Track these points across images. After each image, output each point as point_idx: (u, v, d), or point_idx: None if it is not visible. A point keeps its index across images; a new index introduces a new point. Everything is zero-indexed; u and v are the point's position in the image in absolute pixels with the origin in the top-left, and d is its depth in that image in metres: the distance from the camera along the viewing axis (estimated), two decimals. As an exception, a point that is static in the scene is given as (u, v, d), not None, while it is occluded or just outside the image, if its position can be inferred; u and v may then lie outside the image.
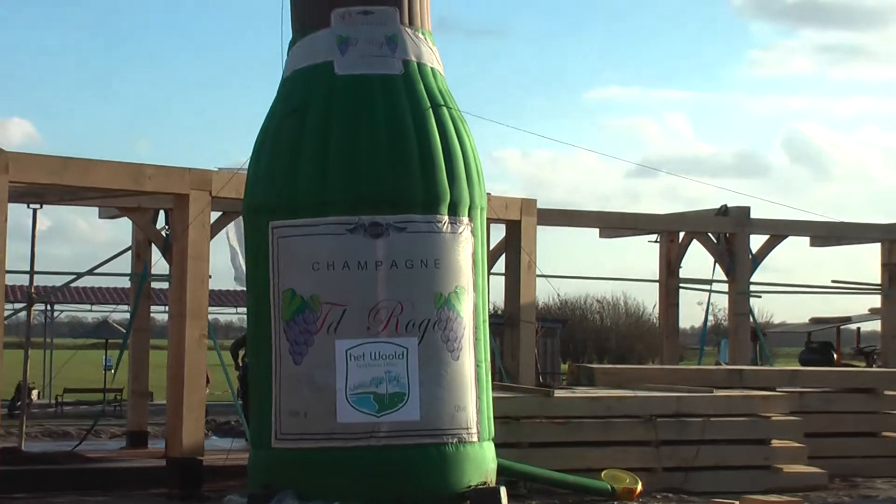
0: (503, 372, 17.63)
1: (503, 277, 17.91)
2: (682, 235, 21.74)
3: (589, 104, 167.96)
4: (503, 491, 12.05)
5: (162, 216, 17.52)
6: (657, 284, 22.19)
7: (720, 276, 21.38)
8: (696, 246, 21.50)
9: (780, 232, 21.63)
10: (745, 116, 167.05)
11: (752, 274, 21.23)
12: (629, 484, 13.99)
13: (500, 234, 17.88)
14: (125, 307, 30.56)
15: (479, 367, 12.23)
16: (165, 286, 17.12)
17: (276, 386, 11.92)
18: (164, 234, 16.72)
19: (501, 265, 17.94)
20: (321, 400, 11.70)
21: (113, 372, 25.33)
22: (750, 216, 21.02)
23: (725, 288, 21.42)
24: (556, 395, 15.02)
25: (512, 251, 17.78)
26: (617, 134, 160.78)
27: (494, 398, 12.90)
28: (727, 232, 21.00)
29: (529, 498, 13.64)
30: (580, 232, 22.61)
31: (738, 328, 21.24)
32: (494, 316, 15.89)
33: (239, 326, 60.53)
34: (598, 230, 22.01)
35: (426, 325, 11.75)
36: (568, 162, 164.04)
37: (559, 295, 61.99)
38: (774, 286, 23.85)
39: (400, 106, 12.04)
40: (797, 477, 15.45)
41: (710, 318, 24.25)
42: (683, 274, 22.12)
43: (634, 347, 64.13)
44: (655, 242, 22.14)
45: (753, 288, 21.50)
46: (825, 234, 22.80)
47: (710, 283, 22.07)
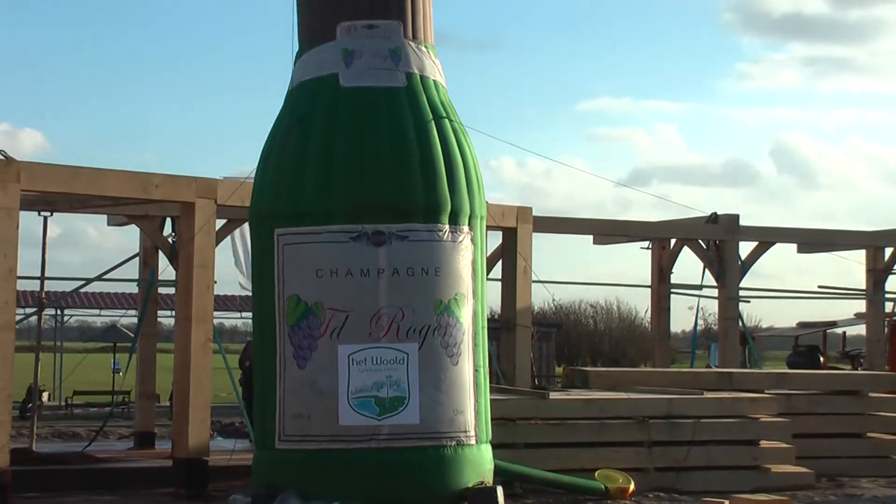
0: (500, 375, 17.63)
1: (500, 283, 17.92)
2: (673, 242, 21.74)
3: (581, 115, 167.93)
4: (500, 491, 12.05)
5: (169, 223, 17.52)
6: (649, 290, 22.20)
7: (710, 281, 21.38)
8: (686, 252, 21.49)
9: (768, 239, 21.63)
10: (734, 127, 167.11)
11: (741, 280, 21.23)
12: (622, 483, 13.99)
13: (496, 240, 17.87)
14: (133, 312, 30.51)
15: (477, 371, 12.22)
16: (172, 291, 17.15)
17: (280, 389, 11.91)
18: (170, 240, 16.70)
19: (498, 271, 17.94)
20: (324, 403, 11.69)
21: (121, 375, 25.33)
22: (739, 224, 21.03)
23: (715, 293, 21.42)
24: (551, 397, 15.03)
25: (508, 257, 17.79)
26: (608, 144, 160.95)
27: (491, 400, 12.89)
28: (717, 239, 21.00)
29: (525, 497, 13.63)
30: (574, 239, 22.62)
31: (727, 332, 21.23)
32: (491, 320, 15.88)
33: (243, 331, 60.54)
34: (591, 237, 22.00)
35: (426, 331, 11.74)
36: (562, 171, 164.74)
37: (554, 300, 62.07)
38: (763, 291, 23.94)
39: (403, 117, 12.03)
40: (785, 477, 15.45)
41: (700, 322, 24.24)
42: (675, 280, 22.15)
43: (627, 351, 64.18)
44: (647, 249, 22.15)
45: (742, 293, 21.53)
46: (812, 241, 22.83)
47: (700, 288, 22.10)
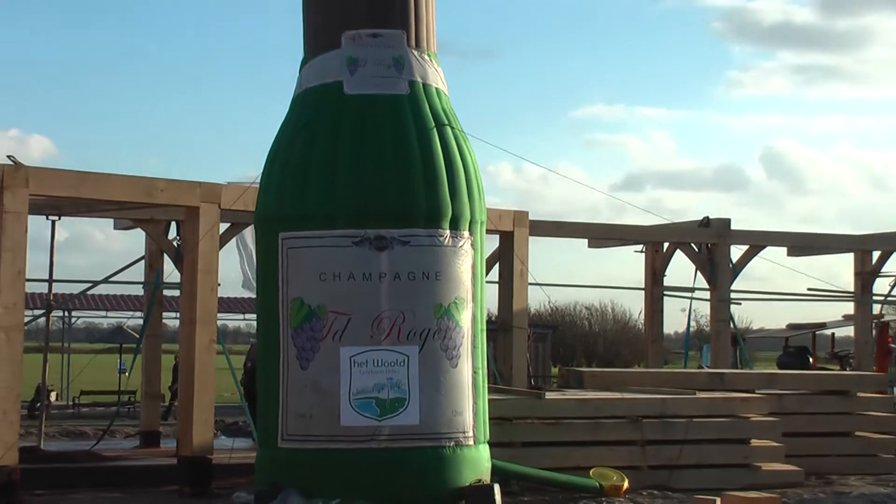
0: (497, 375, 17.62)
1: (497, 285, 17.92)
2: (666, 246, 21.76)
3: (577, 121, 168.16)
4: (497, 488, 12.05)
5: (173, 227, 17.51)
6: (643, 292, 22.21)
7: (702, 284, 21.38)
8: (679, 256, 21.51)
9: (758, 242, 21.63)
10: (725, 133, 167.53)
11: (732, 282, 21.23)
12: (616, 481, 13.99)
13: (493, 244, 17.87)
14: (139, 314, 30.44)
15: (476, 373, 12.23)
16: (177, 294, 17.12)
17: (283, 389, 11.91)
18: (175, 244, 16.70)
19: (495, 274, 17.94)
20: (326, 403, 11.69)
21: (127, 375, 25.28)
22: (730, 227, 21.03)
23: (707, 295, 21.42)
24: (546, 397, 15.03)
25: (505, 260, 17.79)
26: (604, 150, 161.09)
27: (489, 400, 12.90)
28: (709, 242, 21.00)
29: (521, 495, 13.63)
30: (570, 242, 22.66)
31: (719, 334, 21.24)
32: (488, 322, 15.86)
33: (247, 332, 60.50)
34: (586, 241, 22.03)
35: (427, 334, 11.74)
36: (557, 177, 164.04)
37: (550, 302, 61.99)
38: (754, 294, 23.87)
39: (405, 125, 12.03)
40: (775, 475, 15.46)
41: (692, 324, 24.20)
42: (667, 282, 22.16)
43: (621, 352, 64.11)
44: (641, 252, 22.17)
45: (734, 295, 21.51)
46: (801, 244, 22.83)
47: (692, 290, 22.08)
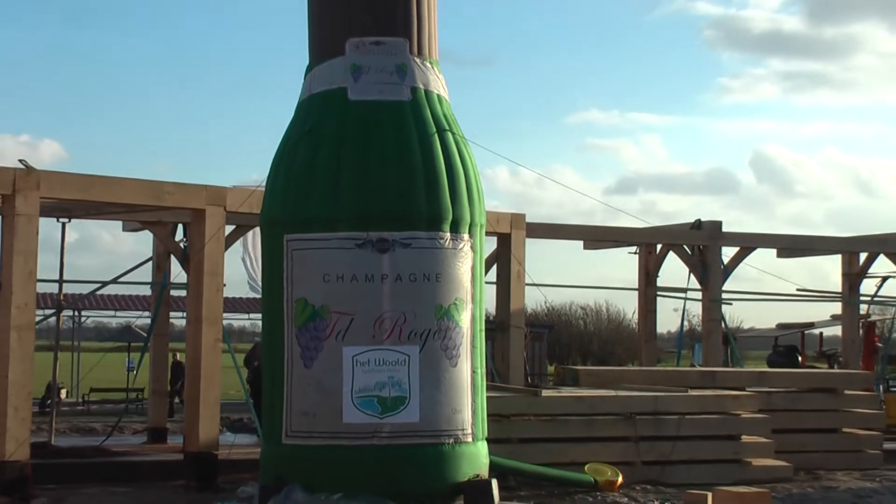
0: (495, 373, 17.62)
1: (495, 286, 17.92)
2: (659, 247, 21.75)
3: (571, 127, 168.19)
4: (494, 484, 12.06)
5: (180, 229, 17.51)
6: (636, 293, 22.20)
7: (694, 284, 21.39)
8: (672, 257, 21.50)
9: (749, 244, 21.64)
10: (715, 138, 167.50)
11: (723, 283, 21.24)
12: (610, 476, 13.99)
13: (491, 245, 17.88)
14: (146, 313, 30.47)
15: (475, 373, 12.23)
16: (183, 294, 17.14)
17: (287, 387, 11.91)
18: (182, 246, 16.70)
19: (493, 275, 17.94)
20: (329, 401, 11.68)
21: (135, 373, 25.28)
22: (722, 230, 21.04)
23: (699, 296, 21.42)
24: (543, 394, 15.03)
25: (503, 262, 17.80)
26: (598, 154, 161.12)
27: (487, 398, 12.89)
28: (701, 244, 21.01)
29: (518, 490, 13.63)
30: (565, 244, 22.62)
31: (710, 333, 21.24)
32: (486, 321, 15.86)
33: (251, 331, 60.38)
34: (581, 242, 22.02)
35: (427, 334, 11.75)
36: (552, 181, 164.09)
37: (546, 302, 61.97)
38: (744, 294, 23.87)
39: (408, 130, 12.04)
40: (765, 470, 15.47)
41: (685, 323, 24.19)
42: (661, 283, 22.16)
43: (615, 351, 63.95)
44: (635, 254, 22.15)
45: (725, 296, 21.52)
46: (790, 246, 22.85)
47: (685, 291, 22.10)
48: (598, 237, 21.67)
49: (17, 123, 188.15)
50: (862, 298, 23.75)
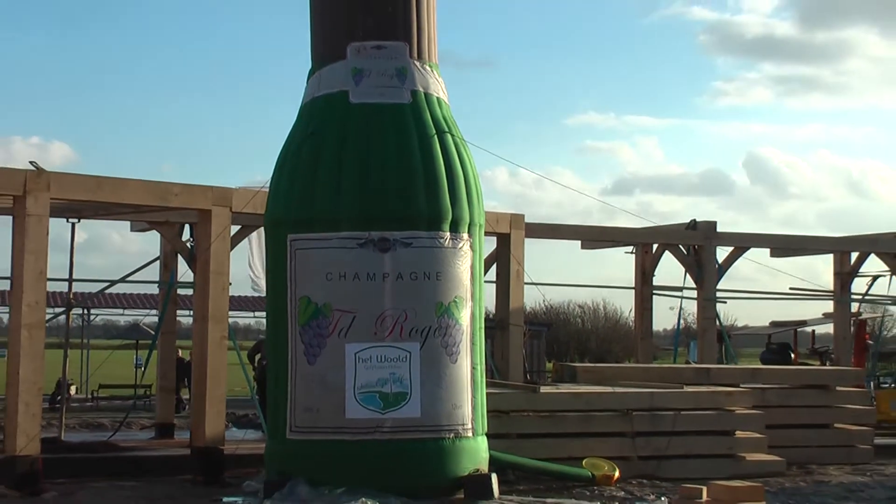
0: (494, 370, 17.61)
1: (494, 285, 17.90)
2: (655, 247, 21.74)
3: (569, 129, 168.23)
4: (494, 478, 12.07)
5: (187, 229, 17.50)
6: (633, 291, 22.18)
7: (690, 283, 21.37)
8: (667, 257, 21.50)
9: (743, 244, 21.62)
10: (710, 141, 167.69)
11: (718, 282, 21.22)
12: (607, 471, 13.99)
13: (491, 245, 17.87)
14: (154, 311, 30.46)
15: (475, 369, 12.23)
16: (190, 293, 17.08)
17: (291, 384, 11.92)
18: (189, 245, 16.70)
19: (493, 274, 17.92)
20: (332, 397, 11.70)
21: (143, 370, 25.28)
22: (716, 230, 21.03)
23: (694, 294, 21.41)
24: (541, 391, 15.02)
25: (502, 261, 17.79)
26: (595, 156, 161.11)
27: (486, 394, 12.91)
28: (696, 244, 20.99)
29: (517, 484, 13.62)
30: (563, 244, 22.58)
31: (705, 331, 21.22)
32: (486, 319, 15.86)
33: (256, 329, 60.41)
34: (579, 242, 22.00)
35: (428, 331, 11.76)
36: (551, 181, 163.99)
37: (545, 301, 61.86)
38: (738, 293, 23.88)
39: (408, 132, 12.06)
40: (758, 465, 15.46)
41: (681, 321, 24.17)
42: (657, 282, 22.14)
43: (612, 348, 63.93)
44: (631, 253, 22.14)
45: (719, 294, 21.50)
46: (783, 246, 22.82)
47: (680, 290, 22.07)
48: (595, 237, 21.66)
49: (27, 126, 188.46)
50: (853, 297, 23.71)
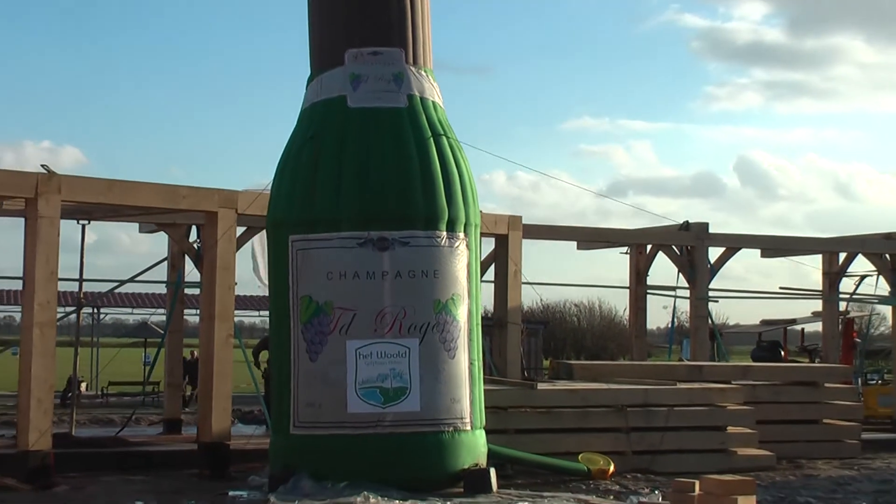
0: (493, 367, 17.60)
1: (493, 284, 17.90)
2: (649, 248, 21.73)
3: (565, 133, 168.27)
4: (493, 472, 12.06)
5: (194, 231, 17.50)
6: (627, 291, 22.17)
7: (683, 283, 21.36)
8: (661, 257, 21.48)
9: (734, 245, 21.61)
10: (702, 144, 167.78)
11: (710, 282, 21.20)
12: (603, 465, 13.98)
13: (489, 246, 17.87)
14: (162, 310, 30.45)
15: (472, 364, 12.22)
16: (197, 292, 17.07)
17: (294, 380, 11.92)
18: (195, 246, 16.68)
19: (491, 274, 17.91)
20: (333, 393, 11.69)
21: (151, 367, 25.27)
22: (709, 231, 21.02)
23: (687, 294, 21.39)
24: (538, 387, 15.02)
25: (500, 261, 17.77)
26: (590, 159, 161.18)
27: (485, 390, 12.90)
28: (689, 245, 20.98)
29: (515, 478, 13.61)
30: (560, 245, 22.61)
31: (698, 329, 21.21)
32: (485, 318, 15.85)
33: (261, 327, 60.32)
34: (575, 243, 21.99)
35: (426, 327, 11.75)
36: (547, 184, 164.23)
37: (542, 300, 61.90)
38: (730, 292, 23.92)
39: (405, 135, 12.06)
40: (749, 459, 15.45)
41: (674, 320, 24.18)
42: (650, 281, 22.12)
43: (607, 346, 64.00)
44: (626, 254, 22.12)
45: (712, 294, 21.48)
46: (773, 246, 22.81)
47: (674, 289, 22.07)
48: (590, 238, 21.66)
49: (39, 130, 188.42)
50: (841, 296, 23.71)
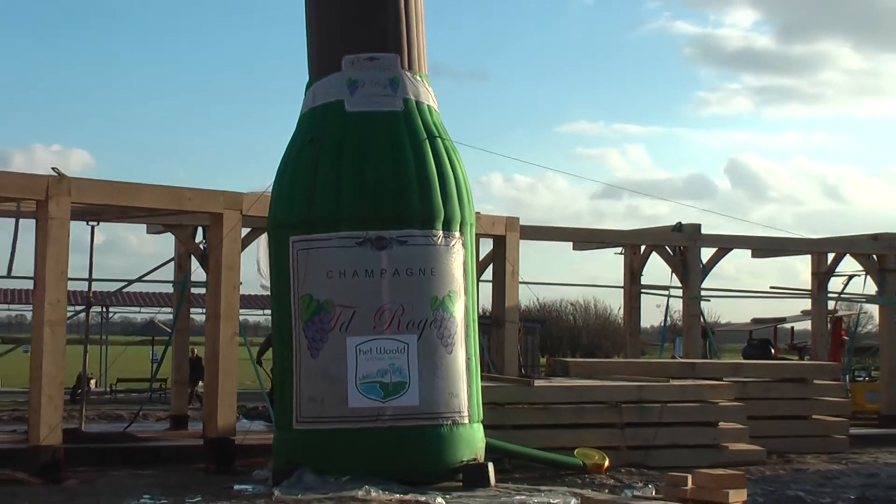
0: (491, 365, 17.60)
1: (491, 284, 17.89)
2: (643, 248, 21.74)
3: (561, 137, 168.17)
4: (491, 466, 12.05)
5: (200, 231, 17.49)
6: (622, 290, 22.19)
7: (676, 283, 21.36)
8: (655, 257, 21.49)
9: (726, 245, 21.61)
10: (694, 147, 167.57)
11: (702, 281, 21.20)
12: (598, 460, 13.98)
13: (487, 247, 17.86)
14: (169, 309, 30.50)
15: (469, 359, 12.22)
16: (203, 291, 17.08)
17: (296, 377, 11.91)
18: (201, 247, 16.67)
19: (489, 274, 17.91)
20: (335, 388, 11.69)
21: (158, 364, 25.26)
22: (701, 232, 21.02)
23: (680, 293, 21.38)
24: (535, 384, 15.02)
25: (498, 262, 17.76)
26: (585, 162, 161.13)
27: (483, 387, 12.90)
28: (681, 245, 20.98)
29: (513, 472, 13.61)
30: (556, 245, 22.60)
31: (690, 327, 21.20)
32: (483, 317, 15.85)
33: (265, 326, 60.24)
34: (571, 244, 21.99)
35: (424, 324, 11.75)
36: (544, 186, 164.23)
37: (538, 299, 61.89)
38: (722, 291, 23.99)
39: (401, 137, 12.08)
40: (740, 454, 15.45)
41: (667, 318, 24.19)
42: (644, 281, 22.14)
43: (602, 344, 63.99)
44: (620, 254, 22.13)
45: (704, 293, 21.48)
46: (764, 247, 22.81)
47: (667, 288, 22.07)
48: (586, 239, 21.66)
49: (49, 134, 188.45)
50: (830, 295, 23.72)
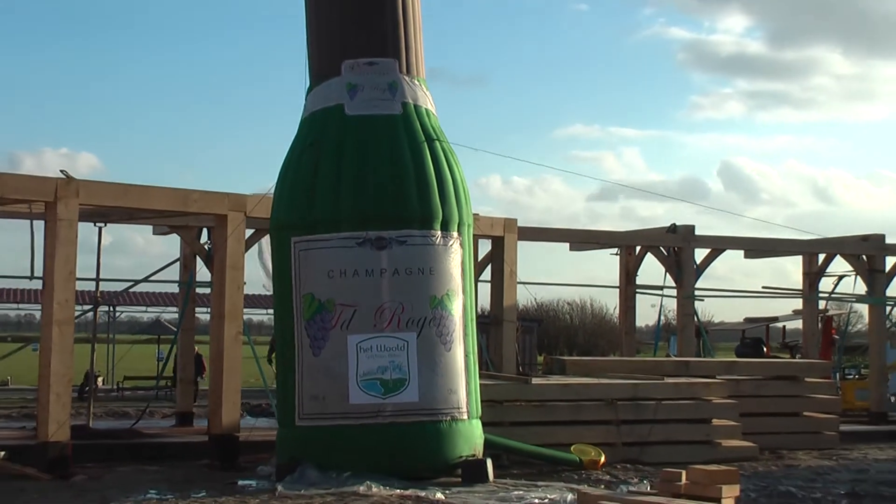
0: (489, 363, 17.60)
1: (489, 284, 17.89)
2: (638, 249, 21.73)
3: (557, 140, 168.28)
4: (489, 462, 12.05)
5: (205, 232, 17.50)
6: (618, 290, 22.18)
7: (670, 283, 21.36)
8: (650, 258, 21.49)
9: (719, 246, 21.62)
10: (688, 150, 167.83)
11: (696, 281, 21.21)
12: (594, 456, 13.97)
13: (486, 248, 17.85)
14: (174, 309, 30.48)
15: (468, 357, 12.23)
16: (208, 291, 17.07)
17: (298, 374, 11.92)
18: (206, 247, 16.68)
19: (488, 274, 17.91)
20: (336, 385, 11.69)
21: (164, 362, 25.25)
22: (695, 233, 21.02)
23: (674, 293, 21.39)
24: (533, 382, 15.01)
25: (496, 262, 17.76)
26: (581, 165, 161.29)
27: (482, 385, 12.90)
28: (676, 246, 20.98)
29: (511, 468, 13.61)
30: (553, 246, 22.58)
31: (684, 326, 21.20)
32: (482, 316, 15.88)
33: (269, 325, 60.25)
34: (567, 244, 21.99)
35: (423, 322, 11.76)
36: (541, 188, 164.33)
37: (536, 299, 61.87)
38: (715, 291, 23.88)
39: (400, 140, 12.09)
40: (733, 450, 15.44)
41: (661, 318, 24.17)
42: (639, 281, 22.13)
43: (598, 343, 63.97)
44: (616, 255, 22.13)
45: (698, 293, 21.48)
46: (756, 248, 22.83)
47: (661, 288, 22.05)
48: (582, 239, 21.68)
49: (57, 137, 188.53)
50: (820, 295, 23.73)
